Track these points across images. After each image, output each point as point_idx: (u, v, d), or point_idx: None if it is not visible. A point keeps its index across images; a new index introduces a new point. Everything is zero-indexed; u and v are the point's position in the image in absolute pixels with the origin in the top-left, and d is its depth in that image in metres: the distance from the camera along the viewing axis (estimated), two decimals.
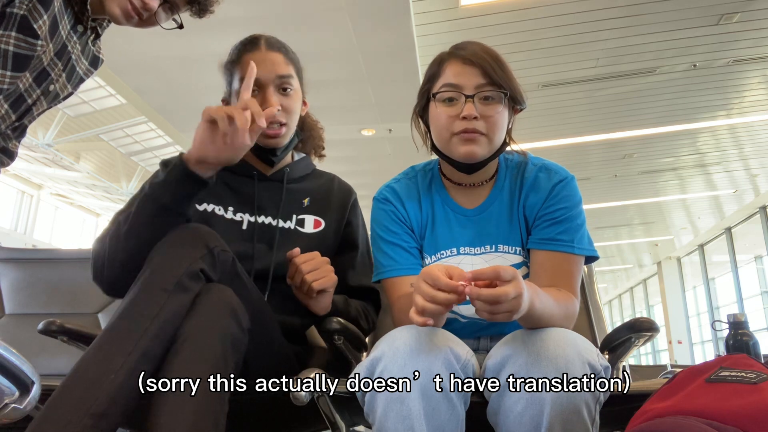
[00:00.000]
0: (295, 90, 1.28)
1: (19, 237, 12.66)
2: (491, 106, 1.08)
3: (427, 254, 1.18)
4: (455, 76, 1.09)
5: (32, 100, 1.00)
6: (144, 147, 10.64)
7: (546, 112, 6.00)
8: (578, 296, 1.09)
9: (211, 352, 0.92)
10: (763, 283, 10.94)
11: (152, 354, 0.91)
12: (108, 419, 0.84)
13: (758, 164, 7.91)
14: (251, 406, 1.15)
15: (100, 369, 0.86)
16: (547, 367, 0.83)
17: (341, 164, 6.58)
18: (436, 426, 0.82)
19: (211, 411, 0.88)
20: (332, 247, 1.35)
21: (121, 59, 4.56)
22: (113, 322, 0.92)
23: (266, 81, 1.23)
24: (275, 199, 1.31)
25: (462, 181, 1.17)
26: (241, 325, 1.00)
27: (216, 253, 1.02)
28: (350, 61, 4.53)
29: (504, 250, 1.14)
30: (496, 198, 1.17)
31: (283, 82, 1.25)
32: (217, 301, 0.98)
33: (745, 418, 0.73)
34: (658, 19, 4.50)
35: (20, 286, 2.06)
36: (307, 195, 1.35)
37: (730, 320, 1.15)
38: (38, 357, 1.74)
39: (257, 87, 1.21)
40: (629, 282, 17.69)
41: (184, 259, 0.98)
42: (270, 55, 1.26)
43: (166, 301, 0.94)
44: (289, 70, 1.27)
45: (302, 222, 1.32)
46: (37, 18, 0.89)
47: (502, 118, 1.09)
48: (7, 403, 0.72)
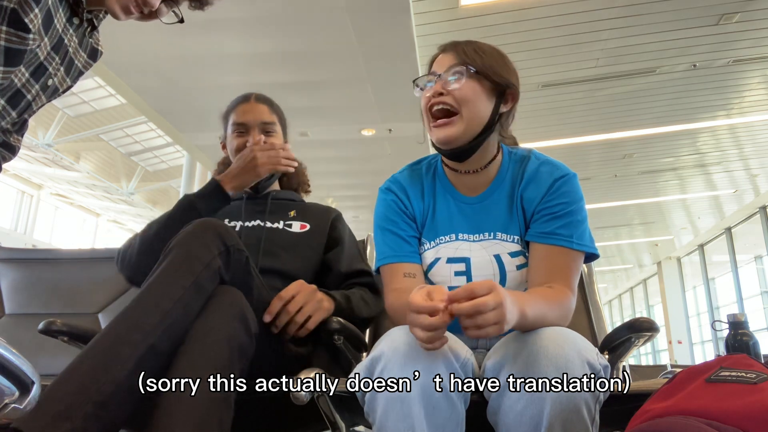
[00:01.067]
0: (277, 133, 1.54)
1: (19, 237, 12.66)
2: (457, 82, 1.11)
3: (427, 240, 1.20)
4: (435, 64, 1.16)
5: (32, 96, 0.99)
6: (144, 147, 10.64)
7: (546, 112, 6.00)
8: (575, 292, 1.08)
9: (218, 355, 0.93)
10: (763, 283, 10.94)
11: (159, 349, 0.92)
12: (109, 409, 0.84)
13: (758, 164, 7.90)
14: (251, 406, 1.15)
15: (107, 357, 0.87)
16: (546, 367, 0.83)
17: (341, 164, 6.59)
18: (436, 425, 0.82)
19: (215, 415, 0.88)
20: (319, 245, 1.47)
21: (121, 59, 4.55)
22: (127, 310, 0.93)
23: (252, 125, 1.50)
24: (262, 208, 1.51)
25: (457, 168, 1.19)
26: (250, 331, 1.01)
27: (232, 251, 1.05)
28: (350, 61, 4.53)
29: (502, 238, 1.15)
30: (497, 188, 1.18)
31: (266, 127, 1.51)
32: (228, 305, 1.00)
33: (745, 418, 0.73)
34: (658, 19, 4.50)
35: (20, 286, 2.05)
36: (293, 209, 1.54)
37: (730, 320, 1.15)
38: (38, 357, 1.74)
39: (245, 129, 1.50)
40: (629, 282, 17.68)
41: (203, 255, 1.01)
42: (257, 106, 1.53)
43: (181, 297, 0.95)
44: (272, 118, 1.53)
45: (290, 225, 1.49)
46: (27, 11, 0.88)
47: (472, 91, 1.11)
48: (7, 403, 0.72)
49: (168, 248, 1.03)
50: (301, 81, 4.82)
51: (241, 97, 1.57)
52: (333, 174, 7.13)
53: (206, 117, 5.61)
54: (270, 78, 4.76)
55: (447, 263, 1.16)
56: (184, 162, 7.19)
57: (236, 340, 0.97)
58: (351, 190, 7.85)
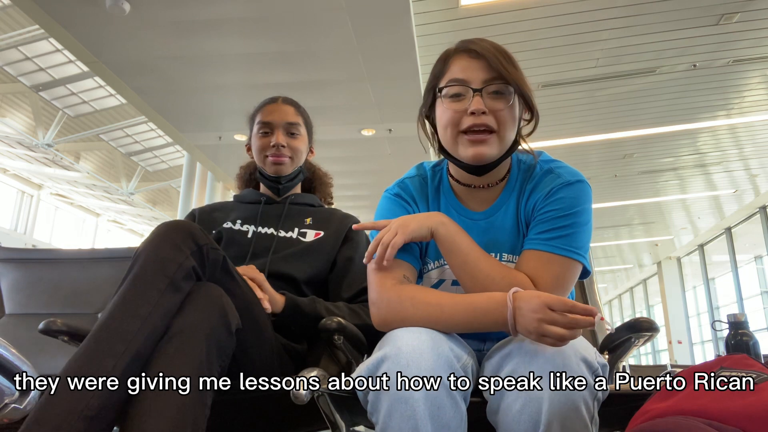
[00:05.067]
0: (301, 135, 1.55)
1: (19, 237, 12.67)
2: (500, 101, 1.03)
3: (431, 259, 1.12)
4: (462, 70, 1.04)
5: None
6: (144, 147, 10.65)
7: (546, 112, 5.99)
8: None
9: (195, 352, 0.92)
10: (763, 283, 10.94)
11: (144, 354, 0.90)
12: (100, 421, 0.83)
13: (758, 164, 7.90)
14: (251, 405, 1.15)
15: (92, 370, 0.85)
16: (544, 366, 0.83)
17: (341, 164, 6.58)
18: (440, 425, 0.82)
19: (190, 413, 0.86)
20: (330, 254, 1.45)
21: (121, 59, 4.55)
22: (105, 321, 0.91)
23: (277, 125, 1.51)
24: (277, 214, 1.51)
25: (471, 182, 1.11)
26: (229, 327, 0.99)
27: (206, 250, 1.02)
28: (350, 61, 4.52)
29: (508, 259, 1.09)
30: (505, 202, 1.11)
31: (291, 128, 1.53)
32: (206, 301, 0.98)
33: (745, 418, 0.73)
34: (658, 19, 4.50)
35: (20, 286, 2.05)
36: (310, 216, 1.53)
37: (730, 320, 1.15)
38: (38, 357, 1.74)
39: (270, 129, 1.51)
40: (629, 282, 17.68)
41: (175, 256, 0.97)
42: (283, 107, 1.54)
43: (159, 300, 0.93)
44: (297, 119, 1.55)
45: (304, 234, 1.48)
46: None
47: (512, 113, 1.04)
48: (7, 403, 0.72)
49: (136, 254, 0.99)
50: (301, 81, 4.82)
51: (268, 98, 1.58)
52: (333, 174, 7.07)
53: (206, 117, 5.61)
54: (270, 78, 4.76)
55: (452, 285, 1.11)
56: (184, 162, 7.20)
57: (214, 337, 0.95)
58: (351, 190, 7.84)
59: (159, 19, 3.96)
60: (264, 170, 1.54)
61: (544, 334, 0.84)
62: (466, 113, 1.03)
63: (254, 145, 1.54)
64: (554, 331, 0.84)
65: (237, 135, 5.87)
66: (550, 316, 0.84)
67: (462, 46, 1.08)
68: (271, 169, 1.52)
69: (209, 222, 1.51)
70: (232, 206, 1.57)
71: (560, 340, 0.84)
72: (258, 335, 1.14)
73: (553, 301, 0.85)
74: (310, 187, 1.68)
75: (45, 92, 8.86)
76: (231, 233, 1.46)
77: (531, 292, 0.90)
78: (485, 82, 1.03)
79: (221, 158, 6.62)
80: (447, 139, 1.07)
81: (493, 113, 1.02)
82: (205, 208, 1.59)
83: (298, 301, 1.28)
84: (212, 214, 1.54)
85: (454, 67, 1.06)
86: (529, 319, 0.86)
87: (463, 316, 0.93)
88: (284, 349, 1.25)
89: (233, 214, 1.52)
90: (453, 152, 1.07)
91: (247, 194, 1.60)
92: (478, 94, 1.02)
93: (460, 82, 1.04)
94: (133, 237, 16.52)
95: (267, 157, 1.51)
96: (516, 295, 0.90)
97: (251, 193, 1.59)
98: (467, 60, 1.05)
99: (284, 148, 1.50)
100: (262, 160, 1.53)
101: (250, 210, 1.52)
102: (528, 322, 0.86)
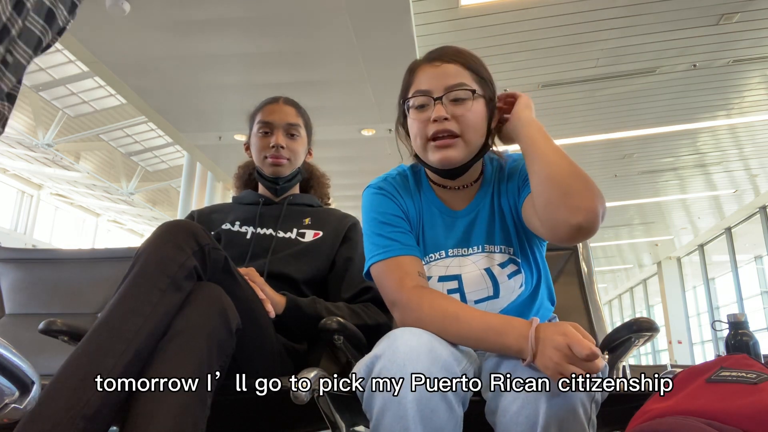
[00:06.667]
0: (301, 137, 1.55)
1: (19, 237, 12.67)
2: (461, 106, 1.07)
3: (420, 256, 1.13)
4: (425, 81, 1.09)
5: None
6: (144, 147, 10.64)
7: (546, 112, 6.00)
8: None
9: (196, 352, 0.91)
10: (763, 283, 10.94)
11: (144, 354, 0.90)
12: (99, 421, 0.83)
13: (758, 164, 7.90)
14: (251, 405, 1.15)
15: (92, 369, 0.84)
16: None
17: (341, 164, 6.58)
18: (432, 428, 0.81)
19: (190, 413, 0.86)
20: (328, 254, 1.45)
21: (121, 59, 4.55)
22: (105, 319, 0.90)
23: (278, 125, 1.52)
24: (276, 215, 1.52)
25: (447, 184, 1.17)
26: (230, 327, 0.99)
27: (207, 250, 1.02)
28: (350, 61, 4.52)
29: (490, 249, 1.13)
30: (483, 199, 1.16)
31: (291, 129, 1.53)
32: (207, 301, 0.98)
33: (745, 418, 0.73)
34: (658, 19, 4.50)
35: (20, 286, 2.05)
36: (308, 216, 1.53)
37: (730, 320, 1.15)
38: (38, 357, 1.74)
39: (270, 129, 1.52)
40: (629, 282, 17.68)
41: (177, 256, 0.97)
42: (284, 107, 1.55)
43: (160, 300, 0.93)
44: (298, 120, 1.55)
45: (303, 235, 1.48)
46: None
47: (475, 116, 1.08)
48: (7, 403, 0.72)
49: (138, 253, 0.98)
50: (301, 81, 4.82)
51: (270, 98, 1.59)
52: (333, 174, 7.05)
53: (206, 117, 5.62)
54: (270, 78, 4.76)
55: (439, 282, 1.13)
56: (184, 162, 7.20)
57: (215, 337, 0.94)
58: (351, 190, 7.83)
59: (159, 19, 3.97)
60: (262, 170, 1.55)
61: (563, 373, 0.81)
62: (431, 121, 1.07)
63: (253, 144, 1.54)
64: (574, 372, 0.80)
65: (237, 135, 5.88)
66: (572, 358, 0.81)
67: (426, 56, 1.14)
68: (269, 170, 1.53)
69: (208, 224, 1.51)
70: (230, 208, 1.58)
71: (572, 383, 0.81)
72: (259, 335, 1.14)
73: (575, 344, 0.81)
74: (307, 187, 1.69)
75: (45, 92, 8.86)
76: (230, 235, 1.47)
77: (555, 328, 0.85)
78: (447, 89, 1.07)
79: (221, 158, 6.62)
80: (418, 147, 1.12)
81: (455, 119, 1.07)
82: (203, 209, 1.60)
83: (298, 302, 1.28)
84: (211, 216, 1.54)
85: (418, 78, 1.11)
86: (550, 355, 0.83)
87: (475, 331, 0.93)
88: (285, 349, 1.26)
89: (232, 216, 1.52)
90: (424, 158, 1.12)
91: (245, 195, 1.60)
92: (438, 102, 1.07)
93: (423, 92, 1.09)
94: (133, 237, 16.52)
95: (266, 158, 1.51)
96: (540, 326, 0.88)
97: (250, 194, 1.60)
98: (430, 69, 1.10)
99: (283, 149, 1.50)
100: (261, 161, 1.53)
101: (248, 211, 1.53)
102: (547, 359, 0.83)
